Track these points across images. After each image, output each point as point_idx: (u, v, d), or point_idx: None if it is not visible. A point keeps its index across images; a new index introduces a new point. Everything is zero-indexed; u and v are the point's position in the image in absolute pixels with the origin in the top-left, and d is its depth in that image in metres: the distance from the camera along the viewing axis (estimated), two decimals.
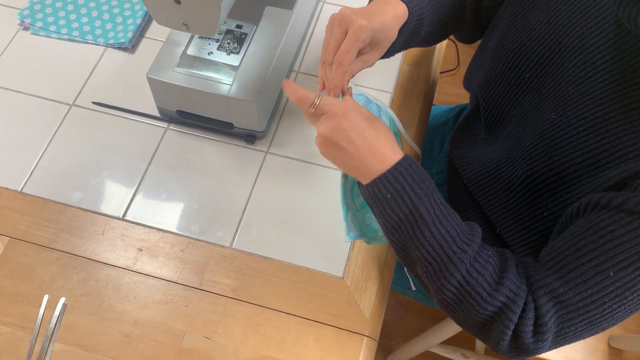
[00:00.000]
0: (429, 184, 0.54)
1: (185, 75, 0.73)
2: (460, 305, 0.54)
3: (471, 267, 0.52)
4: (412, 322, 1.47)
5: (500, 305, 0.52)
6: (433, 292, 0.56)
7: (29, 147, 0.78)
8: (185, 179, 0.76)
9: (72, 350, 0.66)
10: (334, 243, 0.72)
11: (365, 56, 0.65)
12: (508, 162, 0.66)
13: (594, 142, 0.54)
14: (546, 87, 0.61)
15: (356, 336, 0.66)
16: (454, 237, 0.53)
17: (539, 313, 0.51)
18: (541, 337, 0.51)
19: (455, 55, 1.89)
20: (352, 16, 0.59)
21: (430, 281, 0.55)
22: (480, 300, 0.52)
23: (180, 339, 0.66)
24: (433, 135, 1.03)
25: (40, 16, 0.89)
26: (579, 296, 0.50)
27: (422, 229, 0.53)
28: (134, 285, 0.69)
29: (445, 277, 0.53)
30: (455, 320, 0.57)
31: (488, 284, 0.52)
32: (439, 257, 0.53)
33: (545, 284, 0.52)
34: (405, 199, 0.53)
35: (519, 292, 0.52)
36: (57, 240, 0.72)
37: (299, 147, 0.79)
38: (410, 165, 0.54)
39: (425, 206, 0.53)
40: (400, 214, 0.54)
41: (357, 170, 0.56)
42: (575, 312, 0.50)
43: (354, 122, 0.55)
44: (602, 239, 0.49)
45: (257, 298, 0.68)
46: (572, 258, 0.51)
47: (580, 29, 0.58)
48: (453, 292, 0.53)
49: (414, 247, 0.54)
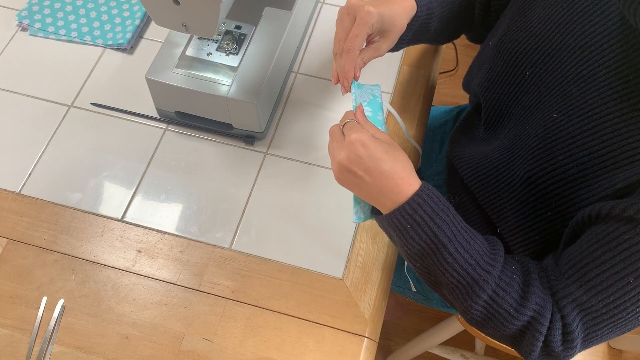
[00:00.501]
0: (448, 212, 0.55)
1: (184, 76, 0.73)
2: (489, 322, 0.55)
3: (497, 286, 0.53)
4: (411, 323, 1.47)
5: (529, 319, 0.53)
6: (460, 312, 0.57)
7: (28, 148, 0.78)
8: (185, 180, 0.76)
9: (71, 352, 0.65)
10: (333, 244, 0.71)
11: (375, 44, 0.66)
12: (510, 161, 0.65)
13: (599, 142, 0.54)
14: (547, 85, 0.61)
15: (356, 337, 0.66)
16: (478, 260, 0.54)
17: (566, 322, 0.52)
18: (570, 345, 0.53)
19: (454, 56, 1.89)
20: (358, 3, 0.62)
21: (457, 302, 0.56)
22: (508, 317, 0.53)
23: (180, 340, 0.66)
24: (432, 136, 1.03)
25: (38, 17, 0.88)
26: (602, 303, 0.51)
27: (445, 256, 0.53)
28: (133, 286, 0.69)
29: (472, 298, 0.54)
30: (485, 334, 0.58)
31: (515, 300, 0.53)
32: (464, 281, 0.53)
33: (569, 294, 0.53)
34: (426, 230, 0.53)
35: (545, 305, 0.53)
36: (55, 241, 0.72)
37: (298, 148, 0.79)
38: (428, 195, 0.54)
39: (446, 234, 0.53)
40: (422, 244, 0.54)
41: (374, 199, 0.57)
42: (600, 317, 0.52)
43: (372, 151, 0.55)
44: (618, 247, 0.50)
45: (257, 299, 0.68)
46: (591, 266, 0.52)
47: (583, 27, 0.58)
48: (481, 311, 0.54)
49: (438, 271, 0.55)
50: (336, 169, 0.57)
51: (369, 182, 0.55)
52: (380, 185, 0.55)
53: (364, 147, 0.55)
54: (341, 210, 0.73)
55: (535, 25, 0.63)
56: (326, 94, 0.84)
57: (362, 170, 0.55)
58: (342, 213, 0.73)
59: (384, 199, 0.55)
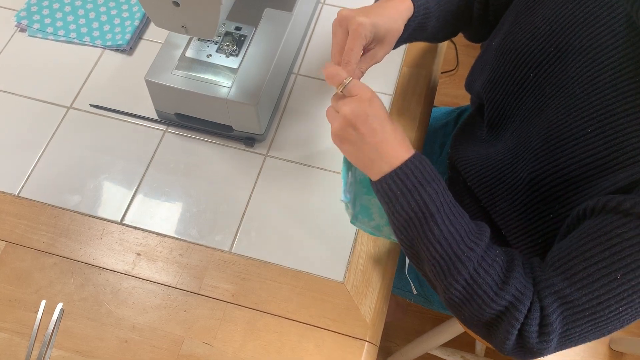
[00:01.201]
0: (439, 182, 0.55)
1: (184, 77, 0.73)
2: (467, 303, 0.54)
3: (478, 265, 0.53)
4: (411, 325, 1.47)
5: (507, 304, 0.52)
6: (440, 291, 0.56)
7: (26, 150, 0.78)
8: (184, 183, 0.76)
9: (70, 356, 0.65)
10: (334, 247, 0.71)
11: (371, 52, 0.66)
12: (513, 163, 0.65)
13: (602, 144, 0.54)
14: (551, 86, 0.61)
15: (357, 341, 0.66)
16: (463, 235, 0.53)
17: (545, 313, 0.51)
18: (546, 338, 0.51)
19: (454, 56, 1.89)
20: (349, 14, 0.60)
21: (437, 279, 0.55)
22: (486, 299, 0.52)
23: (179, 344, 0.66)
24: (433, 137, 1.02)
25: (37, 18, 0.88)
26: (585, 297, 0.50)
27: (431, 226, 0.53)
28: (133, 290, 0.69)
29: (453, 275, 0.53)
30: (461, 319, 0.57)
31: (495, 283, 0.52)
32: (446, 255, 0.53)
33: (552, 285, 0.52)
34: (415, 196, 0.53)
35: (525, 292, 0.52)
36: (54, 244, 0.71)
37: (298, 150, 0.78)
38: (421, 163, 0.55)
39: (435, 204, 0.53)
40: (409, 211, 0.54)
41: (369, 162, 0.56)
42: (581, 313, 0.50)
43: (379, 111, 0.55)
44: (609, 242, 0.49)
45: (257, 303, 0.68)
46: (579, 260, 0.51)
47: (588, 28, 0.57)
48: (460, 290, 0.53)
49: (422, 244, 0.54)
50: (338, 125, 0.56)
51: (369, 141, 0.55)
52: (380, 147, 0.55)
53: (371, 105, 0.55)
54: (342, 213, 0.73)
55: (540, 26, 0.63)
56: (327, 95, 0.83)
57: (366, 127, 0.54)
58: (343, 216, 0.73)
59: (380, 161, 0.55)
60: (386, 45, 0.66)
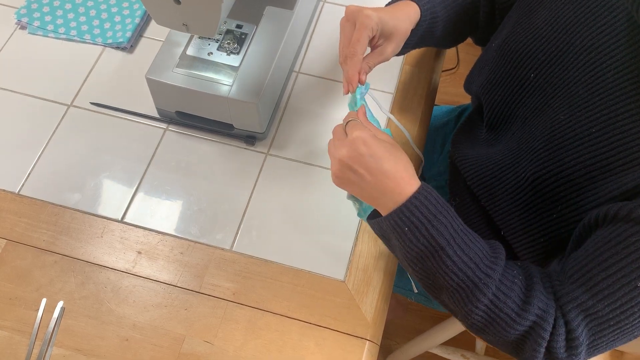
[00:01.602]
0: (447, 214, 0.54)
1: (185, 75, 0.73)
2: (490, 327, 0.54)
3: (497, 290, 0.52)
4: (412, 323, 1.47)
5: (531, 324, 0.52)
6: (461, 318, 0.56)
7: (27, 148, 0.78)
8: (185, 181, 0.75)
9: (71, 354, 0.65)
10: (335, 246, 0.71)
11: (379, 49, 0.66)
12: (514, 163, 0.65)
13: (606, 144, 0.54)
14: (552, 87, 0.60)
15: (358, 340, 0.66)
16: (477, 263, 0.53)
17: (570, 328, 0.51)
18: (575, 352, 0.51)
19: (454, 54, 1.89)
20: (357, 8, 0.62)
21: (457, 307, 0.55)
22: (509, 322, 0.52)
23: (180, 343, 0.66)
24: (434, 136, 1.02)
25: (37, 15, 0.88)
26: (608, 308, 0.50)
27: (443, 259, 0.53)
28: (133, 288, 0.69)
29: (473, 302, 0.53)
30: (486, 341, 0.57)
31: (516, 305, 0.52)
32: (464, 284, 0.53)
33: (573, 298, 0.52)
34: (423, 232, 0.53)
35: (547, 309, 0.52)
36: (55, 242, 0.71)
37: (299, 149, 0.78)
38: (426, 198, 0.54)
39: (444, 237, 0.53)
40: (420, 246, 0.53)
41: (373, 200, 0.56)
42: (606, 323, 0.51)
43: (373, 149, 0.54)
44: (625, 250, 0.49)
45: (258, 301, 0.68)
46: (597, 270, 0.51)
47: (590, 28, 0.57)
48: (481, 316, 0.53)
49: (438, 275, 0.54)
50: (336, 168, 0.57)
51: (369, 181, 0.55)
52: (381, 185, 0.54)
53: (366, 145, 0.54)
54: (343, 212, 0.73)
55: (541, 26, 0.63)
56: (328, 94, 0.83)
57: (363, 168, 0.54)
58: (343, 215, 0.73)
59: (384, 199, 0.55)
60: (394, 42, 0.66)
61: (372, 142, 0.55)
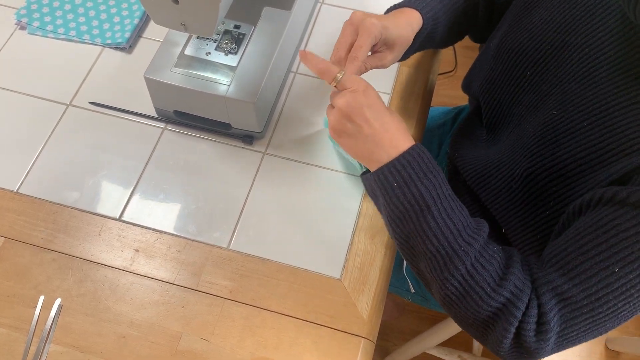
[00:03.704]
0: (437, 174, 0.54)
1: (183, 75, 0.73)
2: (464, 300, 0.53)
3: (476, 261, 0.52)
4: (409, 324, 1.47)
5: (504, 301, 0.51)
6: (436, 287, 0.55)
7: (26, 147, 0.78)
8: (183, 180, 0.76)
9: (68, 351, 0.65)
10: (331, 244, 0.71)
11: (380, 54, 0.67)
12: (509, 160, 0.65)
13: (597, 137, 0.54)
14: (547, 84, 0.61)
15: (354, 338, 0.66)
16: (460, 230, 0.52)
17: (542, 311, 0.50)
18: (543, 337, 0.50)
19: (452, 57, 1.89)
20: (362, 15, 0.62)
21: (433, 274, 0.54)
22: (483, 295, 0.51)
23: (177, 340, 0.66)
24: (431, 137, 1.03)
25: (37, 15, 0.88)
26: (583, 293, 0.49)
27: (427, 219, 0.52)
28: (131, 286, 0.69)
29: (450, 270, 0.52)
30: (456, 318, 0.56)
31: (492, 279, 0.51)
32: (444, 250, 0.52)
33: (549, 281, 0.51)
34: (412, 188, 0.53)
35: (523, 289, 0.51)
36: (53, 240, 0.71)
37: (296, 148, 0.79)
38: (420, 155, 0.54)
39: (432, 197, 0.52)
40: (405, 204, 0.53)
41: (368, 153, 0.56)
42: (579, 310, 0.49)
43: (374, 101, 0.55)
44: (606, 234, 0.48)
45: (255, 299, 0.68)
46: (576, 254, 0.50)
47: (585, 25, 0.58)
48: (456, 286, 0.52)
49: (418, 238, 0.53)
50: (334, 118, 0.56)
51: (367, 132, 0.54)
52: (378, 136, 0.54)
53: (366, 96, 0.55)
54: (340, 211, 0.73)
55: (538, 25, 0.64)
56: (326, 94, 0.84)
57: (362, 119, 0.54)
58: (340, 213, 0.73)
59: (379, 151, 0.55)
60: (395, 51, 0.67)
61: (372, 94, 0.55)
